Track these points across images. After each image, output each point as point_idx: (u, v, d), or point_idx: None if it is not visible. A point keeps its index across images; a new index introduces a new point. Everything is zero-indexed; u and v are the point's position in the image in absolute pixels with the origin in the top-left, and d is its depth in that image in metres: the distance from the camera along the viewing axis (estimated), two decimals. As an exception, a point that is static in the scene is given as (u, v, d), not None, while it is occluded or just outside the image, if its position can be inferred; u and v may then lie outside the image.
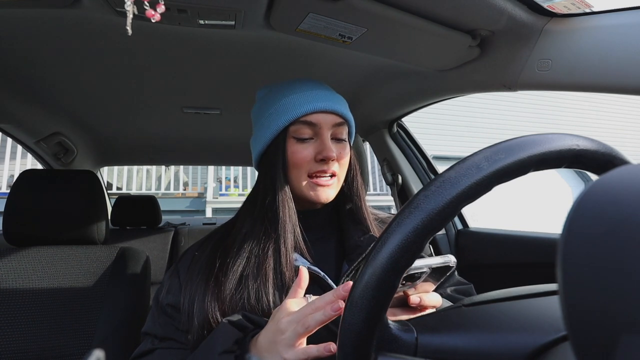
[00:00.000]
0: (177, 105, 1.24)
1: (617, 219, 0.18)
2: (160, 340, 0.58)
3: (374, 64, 0.98)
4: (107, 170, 4.69)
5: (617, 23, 0.61)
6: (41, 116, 1.26)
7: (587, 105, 8.33)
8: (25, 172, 0.98)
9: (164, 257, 1.90)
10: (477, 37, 0.73)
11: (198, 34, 0.77)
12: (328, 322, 0.43)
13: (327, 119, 0.63)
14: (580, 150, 0.31)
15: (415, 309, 0.49)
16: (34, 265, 0.92)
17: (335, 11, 0.62)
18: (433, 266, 0.46)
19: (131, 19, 0.44)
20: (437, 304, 0.51)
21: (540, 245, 1.04)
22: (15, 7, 0.64)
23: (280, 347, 0.44)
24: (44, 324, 0.87)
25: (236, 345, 0.49)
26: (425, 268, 0.45)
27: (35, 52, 0.84)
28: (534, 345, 0.29)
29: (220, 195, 5.62)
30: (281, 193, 0.61)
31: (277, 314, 0.47)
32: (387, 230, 0.29)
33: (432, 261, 0.46)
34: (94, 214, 1.00)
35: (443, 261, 0.47)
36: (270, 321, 0.47)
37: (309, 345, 0.44)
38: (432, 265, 0.46)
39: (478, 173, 0.28)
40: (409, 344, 0.32)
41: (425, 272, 0.45)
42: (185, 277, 0.61)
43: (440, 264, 0.47)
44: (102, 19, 0.68)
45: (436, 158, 1.81)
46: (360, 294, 0.29)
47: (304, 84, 0.65)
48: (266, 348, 0.46)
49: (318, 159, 0.62)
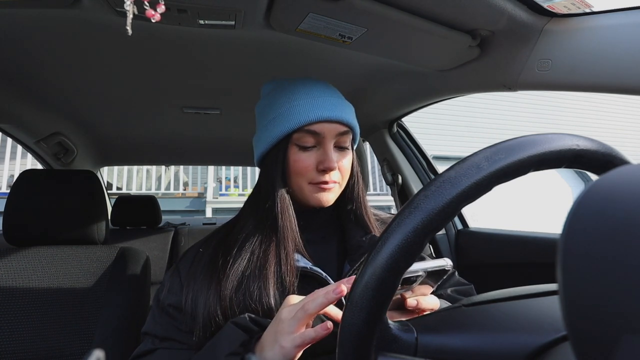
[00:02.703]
0: (177, 105, 1.24)
1: (617, 218, 0.18)
2: (161, 340, 0.58)
3: (374, 64, 0.98)
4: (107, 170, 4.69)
5: (617, 23, 0.61)
6: (41, 116, 1.26)
7: (587, 105, 8.33)
8: (25, 172, 0.98)
9: (164, 257, 1.90)
10: (477, 37, 0.73)
11: (198, 34, 0.77)
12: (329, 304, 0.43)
13: (331, 128, 0.62)
14: (580, 150, 0.31)
15: (412, 312, 0.49)
16: (34, 265, 0.92)
17: (335, 11, 0.62)
18: (429, 269, 0.46)
19: (131, 19, 0.44)
20: (434, 307, 0.50)
21: (540, 245, 1.04)
22: (15, 7, 0.64)
23: (280, 335, 0.44)
24: (43, 324, 0.86)
25: (242, 347, 0.49)
26: (420, 272, 0.45)
27: (35, 52, 0.84)
28: (534, 345, 0.29)
29: (220, 195, 5.62)
30: (281, 200, 0.61)
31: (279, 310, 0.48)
32: (387, 230, 0.29)
33: (428, 264, 0.46)
34: (94, 214, 1.00)
35: (439, 264, 0.47)
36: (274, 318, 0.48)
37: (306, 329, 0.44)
38: (428, 269, 0.45)
39: (478, 173, 0.28)
40: (409, 344, 0.32)
41: (421, 275, 0.45)
42: (186, 277, 0.61)
43: (436, 267, 0.46)
44: (102, 19, 0.68)
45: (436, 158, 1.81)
46: (360, 294, 0.29)
47: (311, 88, 0.64)
48: (268, 342, 0.46)
49: (319, 168, 0.61)
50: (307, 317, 0.43)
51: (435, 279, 0.49)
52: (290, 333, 0.43)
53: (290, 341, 0.43)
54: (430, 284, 0.50)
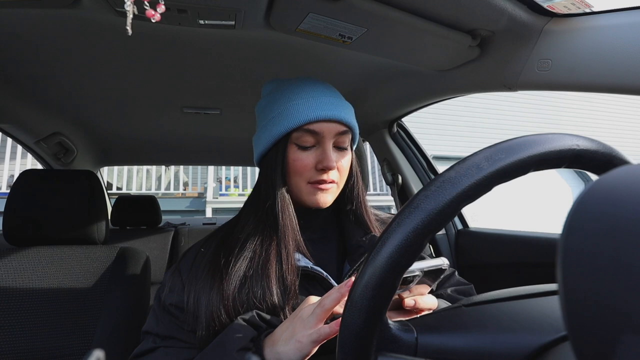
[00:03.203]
0: (177, 105, 1.24)
1: (617, 218, 0.18)
2: (162, 339, 0.58)
3: (374, 64, 0.98)
4: (107, 170, 4.70)
5: (617, 23, 0.61)
6: (41, 116, 1.26)
7: (587, 105, 8.34)
8: (25, 172, 0.98)
9: (164, 257, 1.90)
10: (477, 37, 0.73)
11: (198, 34, 0.77)
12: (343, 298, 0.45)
13: (330, 127, 0.62)
14: (580, 150, 0.31)
15: (410, 312, 0.49)
16: (34, 265, 0.92)
17: (335, 11, 0.62)
18: (425, 269, 0.46)
19: (131, 19, 0.44)
20: (432, 307, 0.51)
21: (540, 245, 1.04)
22: (15, 7, 0.64)
23: (298, 331, 0.46)
24: (44, 324, 0.87)
25: (252, 343, 0.49)
26: (417, 272, 0.45)
27: (35, 52, 0.84)
28: (534, 345, 0.29)
29: (220, 195, 5.62)
30: (281, 199, 0.61)
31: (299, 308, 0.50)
32: (387, 230, 0.29)
33: (425, 264, 0.46)
34: (93, 214, 1.00)
35: (435, 264, 0.47)
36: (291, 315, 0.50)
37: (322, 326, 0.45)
38: (425, 269, 0.46)
39: (478, 173, 0.28)
40: (409, 344, 0.32)
41: (418, 275, 0.46)
42: (188, 277, 0.61)
43: (433, 266, 0.47)
44: (102, 19, 0.68)
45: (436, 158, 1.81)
46: (360, 294, 0.29)
47: (311, 88, 0.64)
48: (282, 337, 0.47)
49: (318, 167, 0.62)
50: (324, 313, 0.45)
51: (433, 279, 0.49)
52: (308, 329, 0.45)
53: (308, 337, 0.45)
54: (428, 284, 0.50)
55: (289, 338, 0.46)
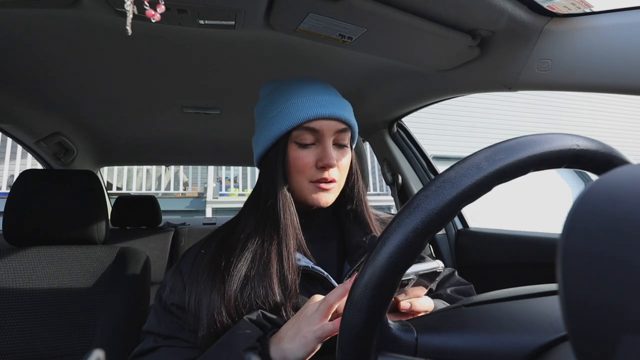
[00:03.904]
0: (177, 105, 1.24)
1: (617, 218, 0.18)
2: (163, 339, 0.58)
3: (374, 64, 0.98)
4: (107, 170, 4.69)
5: (617, 23, 0.61)
6: (41, 116, 1.26)
7: (587, 105, 8.33)
8: (25, 172, 0.98)
9: (164, 257, 1.90)
10: (477, 37, 0.73)
11: (198, 34, 0.77)
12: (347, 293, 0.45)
13: (330, 125, 0.62)
14: (580, 150, 0.31)
15: (406, 314, 0.49)
16: (34, 265, 0.92)
17: (335, 11, 0.62)
18: (420, 272, 0.46)
19: (131, 19, 0.44)
20: (428, 309, 0.51)
21: (540, 245, 1.04)
22: (15, 7, 0.64)
23: (303, 327, 0.47)
24: (44, 324, 0.87)
25: (258, 342, 0.50)
26: (412, 275, 0.45)
27: (35, 52, 0.84)
28: (534, 345, 0.29)
29: (220, 195, 5.62)
30: (282, 198, 0.61)
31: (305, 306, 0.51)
32: (387, 230, 0.29)
33: (419, 267, 0.46)
34: (94, 214, 1.00)
35: (430, 267, 0.47)
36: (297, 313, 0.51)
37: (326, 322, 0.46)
38: (419, 272, 0.46)
39: (478, 173, 0.28)
40: (409, 344, 0.32)
41: (413, 278, 0.46)
42: (188, 276, 0.61)
43: (428, 270, 0.47)
44: (102, 19, 0.68)
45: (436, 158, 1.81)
46: (360, 294, 0.29)
47: (309, 87, 0.64)
48: (288, 335, 0.48)
49: (319, 165, 0.62)
50: (328, 309, 0.46)
51: (428, 281, 0.49)
52: (313, 325, 0.46)
53: (312, 333, 0.45)
54: (424, 285, 0.50)
55: (294, 335, 0.47)
